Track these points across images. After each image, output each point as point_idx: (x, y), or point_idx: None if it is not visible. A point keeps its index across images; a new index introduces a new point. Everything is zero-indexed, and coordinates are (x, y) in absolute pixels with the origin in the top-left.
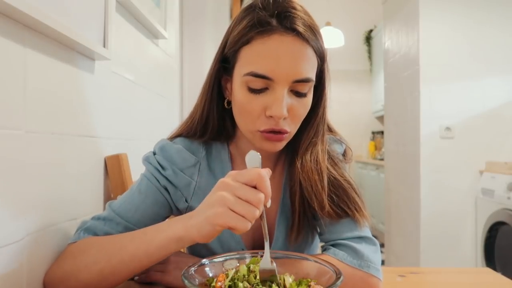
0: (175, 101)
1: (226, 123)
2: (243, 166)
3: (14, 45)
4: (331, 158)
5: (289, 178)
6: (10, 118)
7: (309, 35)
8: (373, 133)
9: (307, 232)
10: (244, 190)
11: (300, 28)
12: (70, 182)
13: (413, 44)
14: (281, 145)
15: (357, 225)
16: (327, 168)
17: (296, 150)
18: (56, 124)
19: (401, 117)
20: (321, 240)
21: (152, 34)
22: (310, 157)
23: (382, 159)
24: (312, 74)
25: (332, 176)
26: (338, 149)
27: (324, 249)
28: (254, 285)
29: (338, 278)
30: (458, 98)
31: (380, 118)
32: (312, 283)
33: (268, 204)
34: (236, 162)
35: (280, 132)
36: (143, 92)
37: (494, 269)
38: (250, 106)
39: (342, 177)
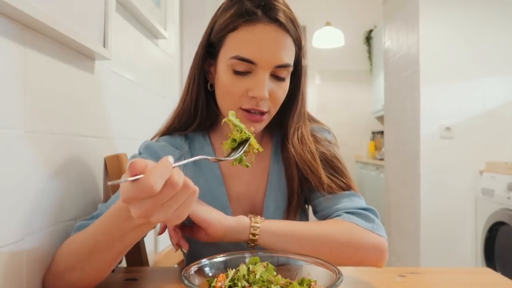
0: (175, 101)
1: (212, 105)
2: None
3: (14, 45)
4: (314, 137)
5: (284, 163)
6: (10, 118)
7: (290, 26)
8: (373, 133)
9: (300, 215)
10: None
11: (282, 19)
12: (70, 182)
13: (413, 44)
14: (260, 126)
15: (357, 198)
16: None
17: (286, 135)
18: (56, 124)
19: (401, 117)
20: (325, 215)
21: (152, 34)
22: (298, 140)
23: (382, 159)
24: (290, 61)
25: (320, 151)
26: (328, 136)
27: (335, 216)
28: (253, 284)
29: (338, 278)
30: (458, 98)
31: (380, 118)
32: (312, 283)
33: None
34: (218, 150)
35: (260, 113)
36: (143, 92)
37: (494, 269)
38: (234, 88)
39: (328, 152)
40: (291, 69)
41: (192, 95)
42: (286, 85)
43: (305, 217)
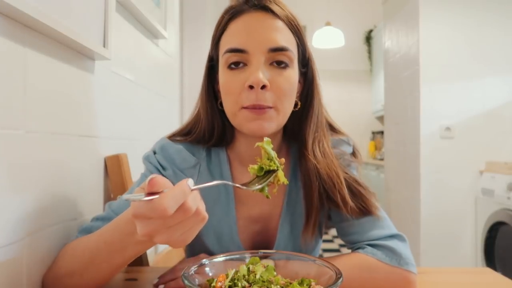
0: (175, 101)
1: (226, 125)
2: (240, 168)
3: (14, 45)
4: (336, 160)
5: (302, 175)
6: (10, 118)
7: (278, 10)
8: (373, 133)
9: (316, 237)
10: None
11: (268, 4)
12: (70, 182)
13: (413, 44)
14: (268, 124)
15: (383, 223)
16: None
17: (304, 145)
18: (56, 124)
19: (401, 117)
20: (350, 241)
21: (152, 34)
22: (321, 153)
23: (382, 159)
24: (288, 45)
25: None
26: (347, 150)
27: (357, 248)
28: (253, 284)
29: (338, 278)
30: (458, 98)
31: (380, 118)
32: (312, 283)
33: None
34: (233, 165)
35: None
36: (143, 92)
37: (494, 269)
38: (232, 84)
39: (348, 174)
40: (291, 54)
41: (206, 117)
42: (289, 73)
43: (320, 238)
